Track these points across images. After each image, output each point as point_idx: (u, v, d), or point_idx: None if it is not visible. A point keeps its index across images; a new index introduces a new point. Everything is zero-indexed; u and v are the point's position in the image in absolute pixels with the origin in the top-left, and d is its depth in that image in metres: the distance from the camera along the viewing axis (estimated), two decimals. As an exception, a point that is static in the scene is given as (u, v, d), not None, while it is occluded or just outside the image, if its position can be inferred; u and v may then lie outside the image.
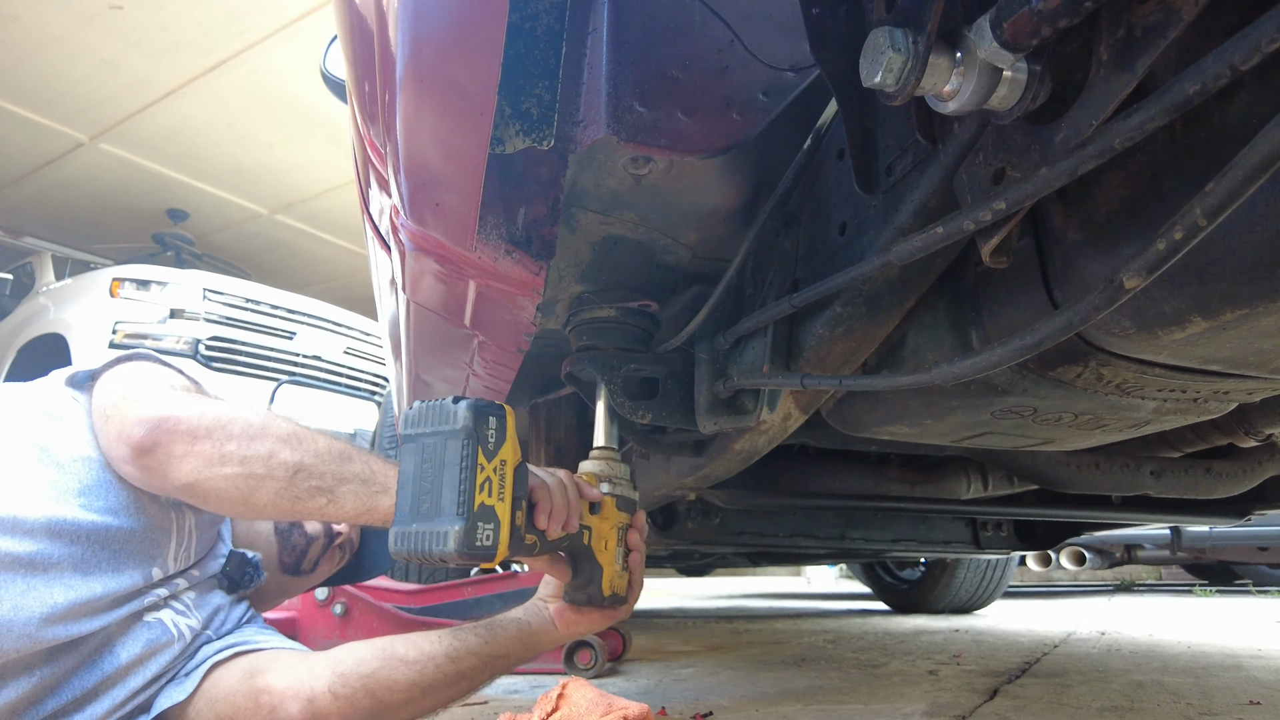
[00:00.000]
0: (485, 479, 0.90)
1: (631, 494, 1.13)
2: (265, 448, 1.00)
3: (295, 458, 1.01)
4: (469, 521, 0.88)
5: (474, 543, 0.88)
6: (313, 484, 1.00)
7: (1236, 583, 5.99)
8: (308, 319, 6.17)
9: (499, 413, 0.93)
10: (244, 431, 1.02)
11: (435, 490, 0.90)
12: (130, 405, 1.06)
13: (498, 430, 0.92)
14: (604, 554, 1.07)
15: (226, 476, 1.00)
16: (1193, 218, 0.45)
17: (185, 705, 1.10)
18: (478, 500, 0.89)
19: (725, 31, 0.86)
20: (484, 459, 0.90)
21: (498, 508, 0.91)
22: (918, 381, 0.72)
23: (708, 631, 3.09)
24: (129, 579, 1.09)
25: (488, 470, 0.90)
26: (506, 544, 0.91)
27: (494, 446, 0.91)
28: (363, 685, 1.07)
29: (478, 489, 0.89)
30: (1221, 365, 0.74)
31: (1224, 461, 1.49)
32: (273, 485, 1.00)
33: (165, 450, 1.01)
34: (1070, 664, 2.03)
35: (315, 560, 1.43)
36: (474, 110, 0.73)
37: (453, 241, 0.93)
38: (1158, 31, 0.49)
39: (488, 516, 0.90)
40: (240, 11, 4.93)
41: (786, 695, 1.57)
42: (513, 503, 0.93)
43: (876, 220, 0.80)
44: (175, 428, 1.02)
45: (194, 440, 1.01)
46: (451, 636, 1.12)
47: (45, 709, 1.02)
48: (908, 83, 0.55)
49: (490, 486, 0.90)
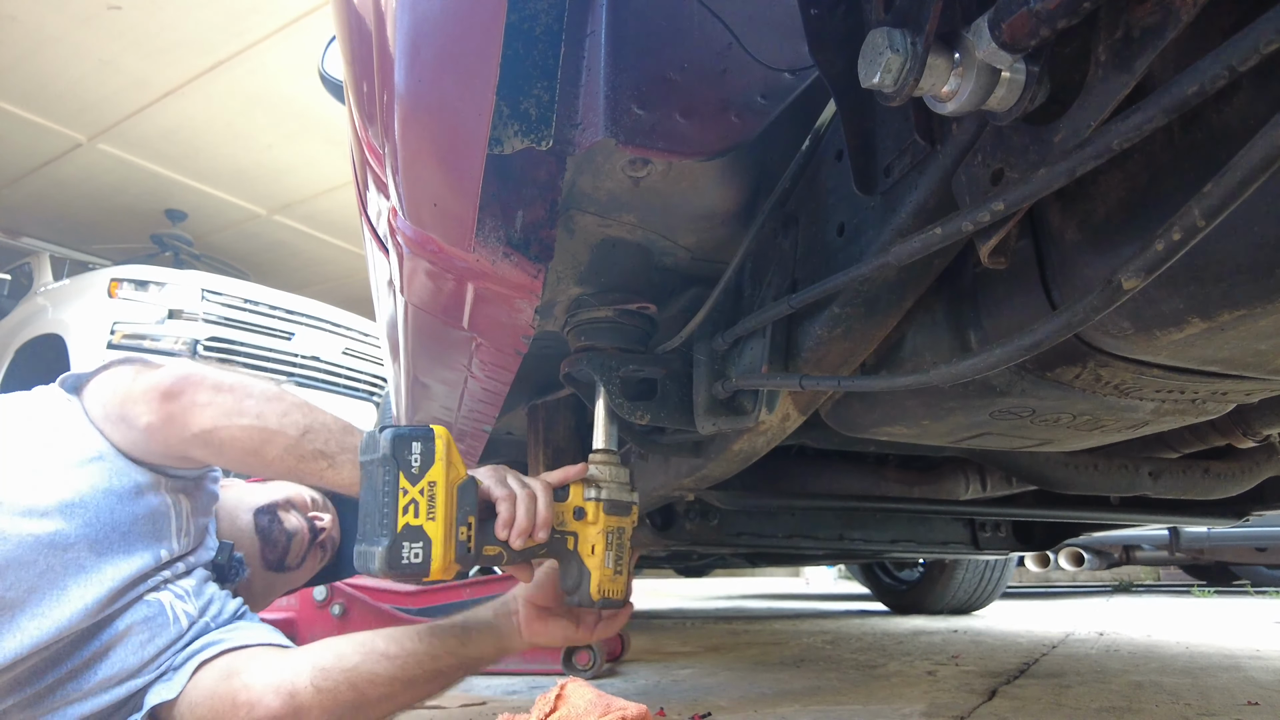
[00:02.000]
0: (410, 501, 0.96)
1: (627, 497, 1.13)
2: (280, 407, 1.11)
3: (306, 420, 1.11)
4: (392, 542, 0.94)
5: (399, 561, 0.94)
6: (318, 446, 1.10)
7: (1234, 583, 5.99)
8: (306, 319, 6.17)
9: (424, 436, 0.98)
10: (262, 392, 1.13)
11: (371, 514, 0.98)
12: (151, 372, 1.15)
13: (423, 454, 0.97)
14: (591, 558, 1.08)
15: (243, 427, 1.09)
16: (1191, 219, 0.45)
17: (172, 706, 1.12)
18: (400, 522, 0.95)
19: (724, 33, 0.86)
20: (407, 482, 0.96)
21: (426, 526, 0.96)
22: (916, 382, 0.72)
23: (706, 632, 3.09)
24: (140, 560, 1.13)
25: (412, 493, 0.96)
26: (441, 560, 0.96)
27: (418, 470, 0.97)
28: (345, 679, 1.09)
29: (400, 511, 0.95)
30: (1219, 366, 0.74)
31: (1222, 462, 1.49)
32: (283, 440, 1.10)
33: (190, 397, 1.11)
34: (1069, 665, 2.03)
35: (300, 556, 1.45)
36: (472, 111, 0.73)
37: (451, 243, 0.93)
38: (1156, 32, 0.49)
39: (414, 536, 0.96)
40: (239, 12, 4.92)
41: (785, 696, 1.57)
42: (451, 520, 0.98)
43: (875, 221, 0.80)
44: (202, 380, 1.13)
45: (218, 391, 1.12)
46: (431, 635, 1.15)
47: (47, 679, 1.06)
48: (906, 83, 0.55)
49: (416, 508, 0.96)
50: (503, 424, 1.94)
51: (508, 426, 2.03)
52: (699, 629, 3.25)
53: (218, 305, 5.69)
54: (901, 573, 3.99)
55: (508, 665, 1.94)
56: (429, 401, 1.72)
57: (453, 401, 1.60)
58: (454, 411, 1.66)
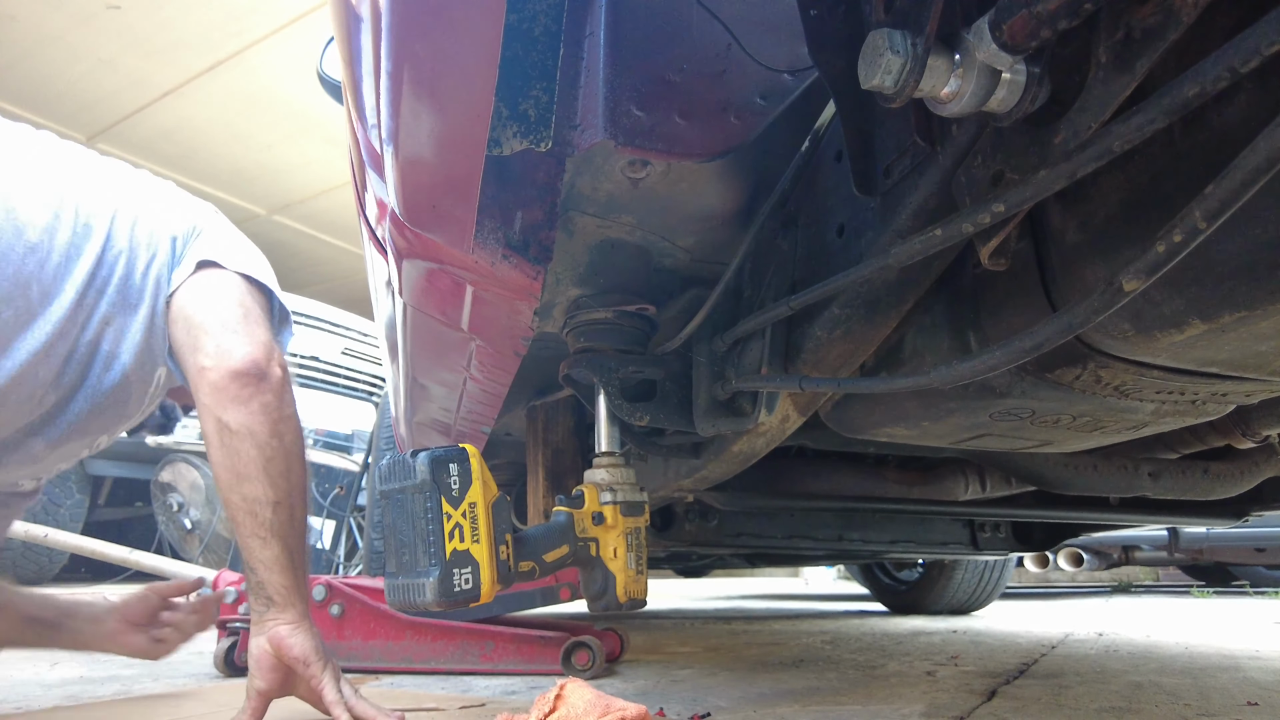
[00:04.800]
0: (454, 526, 0.94)
1: (638, 497, 1.13)
2: (284, 467, 1.19)
3: (286, 496, 1.18)
4: (443, 570, 0.92)
5: (451, 590, 0.92)
6: (270, 518, 1.17)
7: (1233, 584, 5.99)
8: (305, 319, 6.15)
9: (459, 457, 0.96)
10: (291, 443, 1.20)
11: (410, 544, 0.95)
12: (251, 334, 1.24)
13: (460, 476, 0.95)
14: (614, 562, 1.08)
15: (248, 455, 1.17)
16: (1192, 220, 0.45)
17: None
18: (449, 548, 0.93)
19: (723, 34, 0.86)
20: (449, 507, 0.94)
21: (473, 550, 0.94)
22: (916, 384, 0.72)
23: (706, 632, 3.09)
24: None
25: (455, 517, 0.94)
26: (490, 582, 0.94)
27: (458, 493, 0.95)
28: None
29: (447, 537, 0.93)
30: (1220, 368, 0.74)
31: (1221, 463, 1.49)
32: (254, 491, 1.16)
33: (264, 386, 1.19)
34: (1068, 665, 2.03)
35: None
36: (471, 111, 0.73)
37: (450, 245, 0.92)
38: (1157, 34, 0.49)
39: (463, 561, 0.93)
40: (238, 12, 4.92)
41: (784, 696, 1.57)
42: (493, 540, 0.96)
43: (875, 222, 0.79)
44: (285, 391, 1.21)
45: (281, 406, 1.18)
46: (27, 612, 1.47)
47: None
48: (906, 85, 0.55)
49: (461, 532, 0.94)
50: (502, 425, 1.94)
51: (506, 428, 2.03)
52: (698, 629, 3.25)
53: (216, 305, 5.67)
54: (901, 573, 3.99)
55: (506, 665, 1.94)
56: (428, 403, 1.72)
57: (451, 403, 1.60)
58: (453, 413, 1.66)
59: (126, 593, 1.55)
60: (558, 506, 1.10)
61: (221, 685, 1.79)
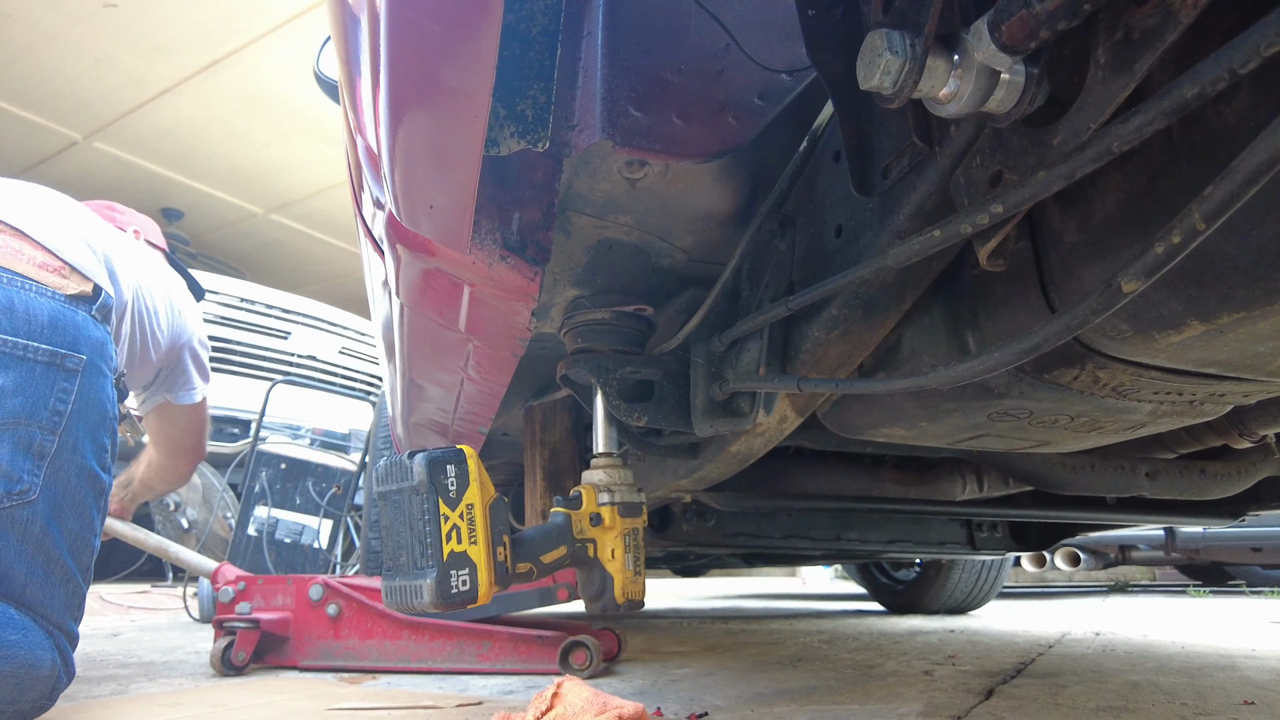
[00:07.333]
0: (452, 528, 0.93)
1: (636, 497, 1.12)
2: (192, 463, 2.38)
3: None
4: (440, 572, 0.91)
5: (449, 591, 0.91)
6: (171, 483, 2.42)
7: (1230, 583, 6.00)
8: (302, 319, 6.15)
9: (456, 458, 0.95)
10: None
11: (408, 545, 0.95)
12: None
13: (458, 477, 0.95)
14: (612, 563, 1.08)
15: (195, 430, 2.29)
16: (1191, 221, 0.45)
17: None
18: (446, 550, 0.92)
19: (721, 34, 0.86)
20: (447, 508, 0.93)
21: (470, 551, 0.93)
22: (914, 385, 0.72)
23: (703, 632, 3.09)
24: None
25: (453, 518, 0.94)
26: (488, 583, 0.94)
27: (456, 494, 0.94)
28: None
29: (444, 539, 0.92)
30: (1218, 368, 0.74)
31: (1219, 463, 1.49)
32: (187, 460, 2.34)
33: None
34: (1065, 664, 2.03)
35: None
36: (469, 111, 0.73)
37: (447, 245, 0.92)
38: (1156, 34, 0.49)
39: (460, 563, 0.93)
40: (235, 11, 4.91)
41: (782, 696, 1.57)
42: (491, 541, 0.95)
43: (873, 223, 0.79)
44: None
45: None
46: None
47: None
48: (905, 85, 0.54)
49: (459, 533, 0.93)
50: (499, 425, 1.94)
51: (504, 428, 2.03)
52: (696, 629, 3.25)
53: (214, 304, 5.67)
54: (898, 573, 3.99)
55: (504, 665, 1.94)
56: (424, 403, 1.71)
57: (449, 403, 1.60)
58: (450, 413, 1.66)
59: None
60: (555, 507, 1.09)
61: (218, 685, 1.79)
